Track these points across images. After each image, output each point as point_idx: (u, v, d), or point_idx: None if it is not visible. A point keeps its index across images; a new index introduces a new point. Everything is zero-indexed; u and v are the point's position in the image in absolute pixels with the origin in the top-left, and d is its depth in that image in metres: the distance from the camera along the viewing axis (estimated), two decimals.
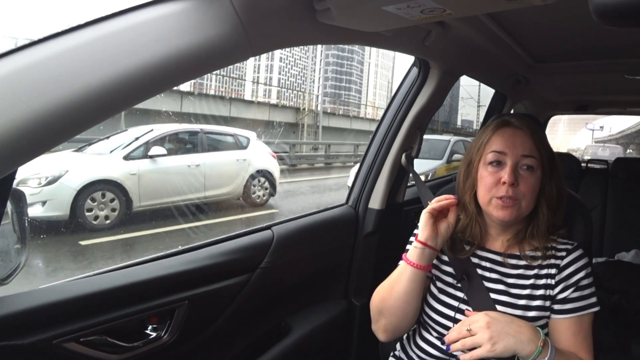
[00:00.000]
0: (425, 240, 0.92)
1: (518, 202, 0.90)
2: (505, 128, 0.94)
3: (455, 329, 0.87)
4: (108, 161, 5.45)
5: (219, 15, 0.67)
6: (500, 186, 0.90)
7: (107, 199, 5.14)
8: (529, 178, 0.90)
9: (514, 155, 0.91)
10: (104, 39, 0.59)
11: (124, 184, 5.29)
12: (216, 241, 1.10)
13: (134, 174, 5.44)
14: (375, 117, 34.61)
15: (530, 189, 0.90)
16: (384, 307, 0.98)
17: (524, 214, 0.92)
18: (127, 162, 5.48)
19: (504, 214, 0.90)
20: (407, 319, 0.97)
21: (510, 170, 0.89)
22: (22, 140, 0.52)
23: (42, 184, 4.71)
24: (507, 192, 0.89)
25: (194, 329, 0.99)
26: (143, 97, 0.63)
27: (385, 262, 1.17)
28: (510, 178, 0.89)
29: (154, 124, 6.94)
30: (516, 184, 0.89)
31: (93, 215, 5.01)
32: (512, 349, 0.82)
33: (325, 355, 1.34)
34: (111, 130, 6.44)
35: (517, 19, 1.26)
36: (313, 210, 1.42)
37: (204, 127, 7.15)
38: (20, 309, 0.74)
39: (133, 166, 5.48)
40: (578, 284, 0.90)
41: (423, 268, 0.93)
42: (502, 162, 0.92)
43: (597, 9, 0.51)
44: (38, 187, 4.68)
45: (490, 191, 0.92)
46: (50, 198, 4.71)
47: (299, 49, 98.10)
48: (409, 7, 0.81)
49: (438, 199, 0.97)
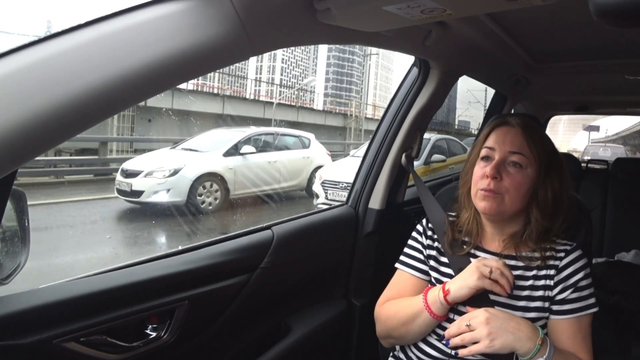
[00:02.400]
0: (453, 302, 0.90)
1: (500, 196, 0.91)
2: (501, 127, 0.97)
3: (455, 324, 0.87)
4: (213, 157, 6.81)
5: (219, 15, 0.67)
6: (484, 179, 0.92)
7: (213, 189, 6.51)
8: (515, 174, 0.91)
9: (501, 150, 0.93)
10: (104, 39, 0.59)
11: (224, 176, 6.66)
12: (216, 241, 1.10)
13: (231, 168, 6.83)
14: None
15: (514, 185, 0.91)
16: (394, 334, 1.01)
17: (508, 211, 0.92)
18: (226, 158, 6.87)
19: (484, 206, 0.91)
20: (419, 339, 0.99)
21: (494, 164, 0.91)
22: (22, 140, 0.52)
23: (166, 176, 6.09)
24: (488, 185, 0.90)
25: (194, 329, 0.99)
26: (143, 97, 0.63)
27: (385, 262, 1.16)
28: (492, 171, 0.91)
29: (239, 127, 8.82)
30: (499, 177, 0.91)
31: (201, 201, 6.36)
32: (510, 346, 0.82)
33: (325, 355, 1.33)
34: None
35: (517, 19, 1.26)
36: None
37: (277, 129, 9.21)
38: (20, 308, 0.74)
39: (230, 162, 6.89)
40: (577, 285, 0.90)
41: (443, 318, 0.93)
42: (490, 157, 0.94)
43: (598, 9, 0.51)
44: (163, 178, 6.05)
45: (476, 184, 0.94)
46: (173, 187, 6.06)
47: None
48: (409, 7, 0.81)
49: (503, 273, 0.87)
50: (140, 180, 5.99)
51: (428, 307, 0.92)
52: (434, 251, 1.03)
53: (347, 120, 25.22)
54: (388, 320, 1.02)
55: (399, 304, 1.01)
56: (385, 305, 1.04)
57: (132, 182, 5.97)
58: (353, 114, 25.93)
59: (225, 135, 7.69)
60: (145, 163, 6.42)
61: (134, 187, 5.95)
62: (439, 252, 1.03)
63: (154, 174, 6.04)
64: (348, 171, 6.30)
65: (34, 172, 7.35)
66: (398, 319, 0.99)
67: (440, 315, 0.92)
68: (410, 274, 1.05)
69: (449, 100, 55.18)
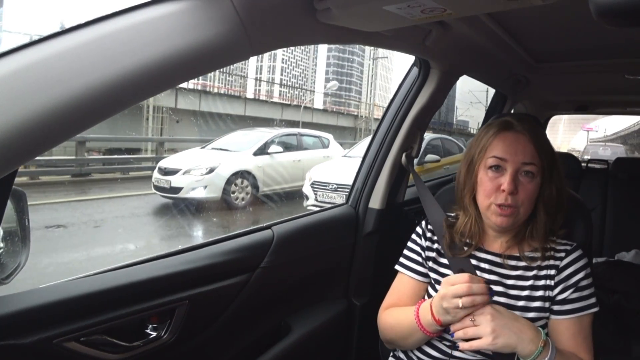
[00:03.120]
0: (444, 325, 0.88)
1: (517, 210, 0.89)
2: (507, 132, 0.93)
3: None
4: (244, 156, 7.39)
5: (219, 15, 0.67)
6: (499, 193, 0.89)
7: (244, 185, 7.12)
8: (528, 184, 0.90)
9: (514, 162, 0.89)
10: (104, 39, 0.59)
11: (254, 174, 7.28)
12: (216, 241, 1.10)
13: (260, 166, 7.44)
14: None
15: (528, 196, 0.90)
16: (395, 344, 1.02)
17: (521, 220, 0.92)
18: (256, 157, 7.46)
19: (501, 221, 0.90)
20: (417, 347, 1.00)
21: (511, 179, 0.88)
22: (22, 140, 0.52)
23: (203, 173, 6.67)
24: (506, 201, 0.88)
25: (194, 329, 0.99)
26: (143, 97, 0.63)
27: (385, 262, 1.16)
28: (510, 186, 0.88)
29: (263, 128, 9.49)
30: (515, 192, 0.88)
31: (235, 197, 6.97)
32: (512, 346, 0.82)
33: (325, 355, 1.34)
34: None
35: (517, 19, 1.26)
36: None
37: (300, 130, 9.86)
38: (20, 308, 0.74)
39: (259, 160, 7.48)
40: (577, 285, 0.90)
41: (437, 334, 0.93)
42: (502, 167, 0.91)
43: (598, 9, 0.51)
44: (201, 175, 6.65)
45: (489, 197, 0.91)
46: (209, 184, 6.67)
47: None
48: (409, 7, 0.81)
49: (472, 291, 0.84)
50: (179, 177, 6.58)
51: (422, 327, 0.91)
52: (433, 252, 1.03)
53: (357, 121, 27.75)
54: (386, 331, 1.03)
55: (397, 316, 1.00)
56: (385, 315, 1.04)
57: (171, 180, 6.57)
58: (363, 115, 28.89)
59: (253, 135, 8.32)
60: (182, 162, 7.00)
61: (172, 184, 6.55)
62: (439, 253, 1.02)
63: (191, 172, 6.65)
64: (338, 172, 6.42)
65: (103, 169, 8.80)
66: (395, 333, 0.99)
67: (436, 332, 0.92)
68: (409, 277, 1.04)
69: (447, 100, 55.25)
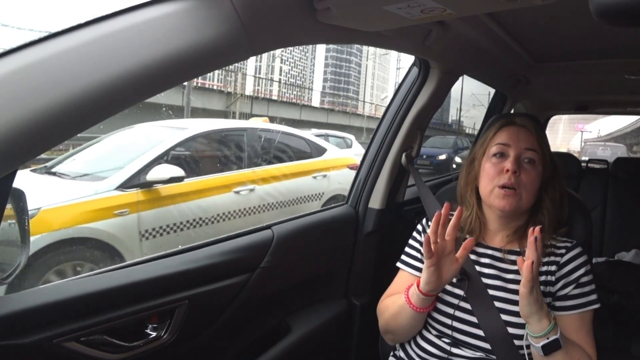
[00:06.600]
0: (428, 292, 0.89)
1: (519, 193, 0.92)
2: (509, 125, 0.99)
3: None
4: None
5: (219, 15, 0.67)
6: (503, 174, 0.93)
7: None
8: (530, 170, 0.93)
9: (517, 147, 0.95)
10: (104, 39, 0.59)
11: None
12: (216, 241, 1.10)
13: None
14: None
15: (531, 180, 0.93)
16: (389, 329, 1.03)
17: (523, 207, 0.94)
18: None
19: (504, 203, 0.92)
20: (413, 334, 1.01)
21: (514, 159, 0.93)
22: (22, 140, 0.52)
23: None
24: (509, 180, 0.91)
25: (194, 329, 0.99)
26: (143, 97, 0.63)
27: (385, 262, 1.17)
28: (513, 165, 0.92)
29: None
30: (518, 172, 0.92)
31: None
32: (531, 313, 0.82)
33: (325, 355, 1.33)
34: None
35: (517, 19, 1.26)
36: None
37: (327, 131, 10.09)
38: (20, 308, 0.74)
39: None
40: (578, 281, 0.91)
41: (426, 310, 0.93)
42: (505, 153, 0.95)
43: (597, 9, 0.51)
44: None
45: (492, 180, 0.94)
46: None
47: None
48: (409, 7, 0.81)
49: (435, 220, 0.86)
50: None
51: (408, 299, 0.92)
52: None
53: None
54: (382, 314, 1.04)
55: (393, 298, 1.03)
56: (383, 301, 1.07)
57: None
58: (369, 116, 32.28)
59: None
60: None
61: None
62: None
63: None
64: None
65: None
66: (389, 313, 1.01)
67: (420, 307, 0.91)
68: (410, 273, 1.05)
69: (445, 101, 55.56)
